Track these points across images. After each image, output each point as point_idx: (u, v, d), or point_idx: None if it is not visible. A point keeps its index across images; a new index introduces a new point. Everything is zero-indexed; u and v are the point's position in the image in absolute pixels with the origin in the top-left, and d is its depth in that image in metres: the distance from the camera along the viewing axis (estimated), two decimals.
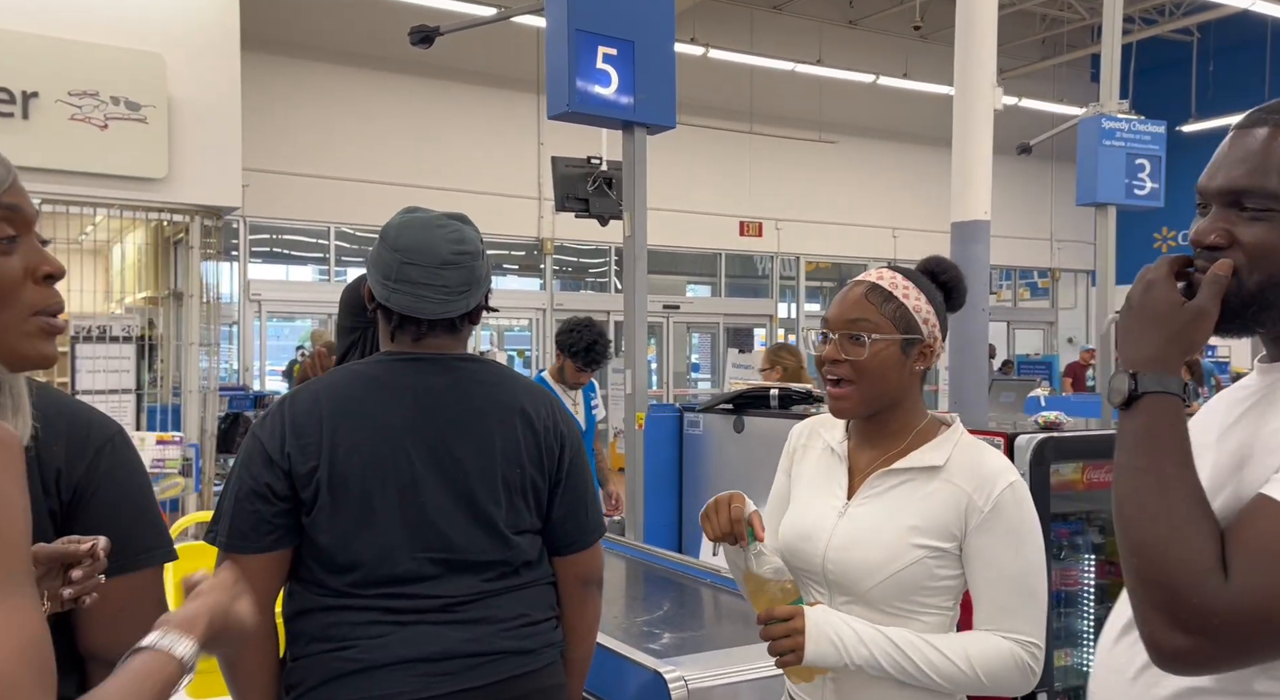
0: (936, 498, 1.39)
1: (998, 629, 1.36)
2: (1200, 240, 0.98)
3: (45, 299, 0.83)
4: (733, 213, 13.44)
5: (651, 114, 3.45)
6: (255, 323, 10.93)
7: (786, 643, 1.34)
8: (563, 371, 3.95)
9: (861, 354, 1.40)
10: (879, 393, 1.41)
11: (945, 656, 1.33)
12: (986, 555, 1.36)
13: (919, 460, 1.42)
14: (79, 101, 6.81)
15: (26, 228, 0.84)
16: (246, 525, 1.42)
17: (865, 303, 1.42)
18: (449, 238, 1.50)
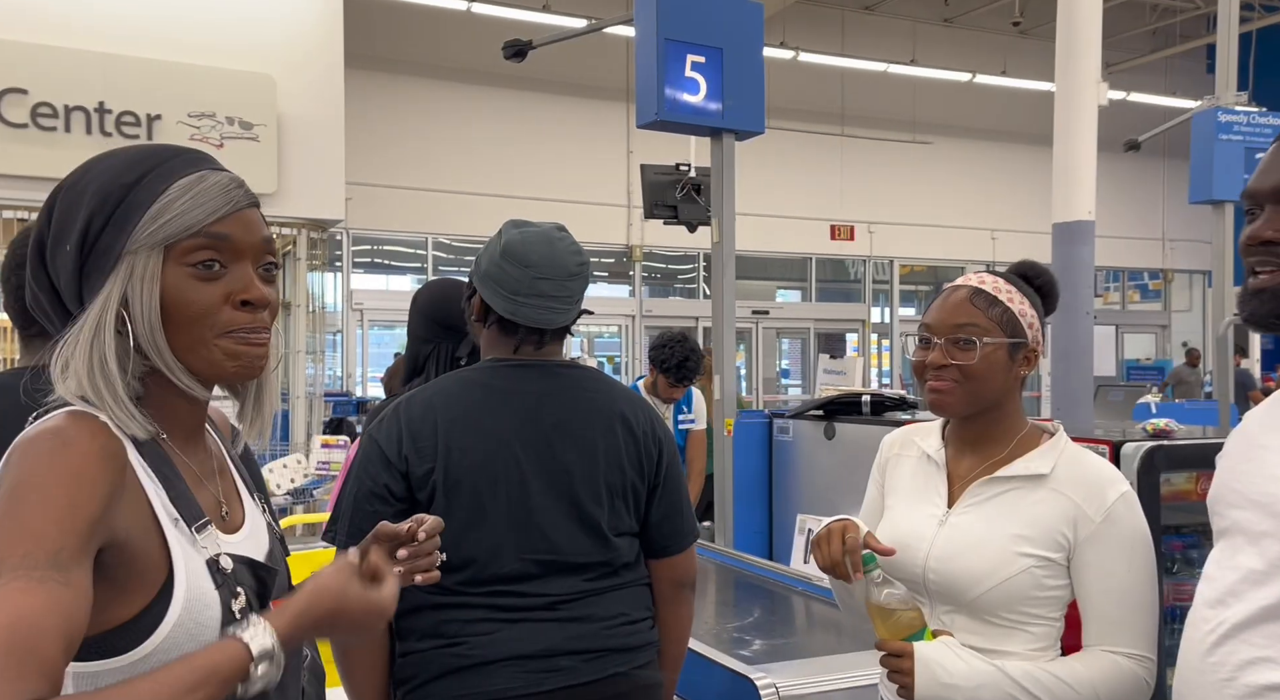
0: (1043, 507, 1.36)
1: (1110, 644, 1.32)
2: (1259, 236, 0.99)
3: (236, 321, 0.90)
4: (824, 216, 13.27)
5: (740, 120, 3.45)
6: (358, 331, 11.34)
7: (897, 679, 1.33)
8: (655, 385, 3.96)
9: (970, 358, 1.37)
10: (982, 394, 1.39)
11: (1063, 682, 1.29)
12: (1098, 567, 1.32)
13: (1024, 468, 1.39)
14: (198, 122, 7.22)
15: (236, 256, 0.91)
16: (366, 526, 1.47)
17: (970, 307, 1.40)
18: (570, 249, 1.57)
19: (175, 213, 0.89)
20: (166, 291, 0.88)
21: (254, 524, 1.01)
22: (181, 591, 0.85)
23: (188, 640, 0.84)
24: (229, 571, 0.90)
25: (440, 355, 2.04)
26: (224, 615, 0.87)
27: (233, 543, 0.94)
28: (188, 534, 0.88)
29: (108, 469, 0.82)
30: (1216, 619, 1.05)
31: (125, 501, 0.83)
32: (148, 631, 0.83)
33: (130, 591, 0.84)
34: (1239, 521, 1.06)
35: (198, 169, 0.92)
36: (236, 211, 0.91)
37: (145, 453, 0.89)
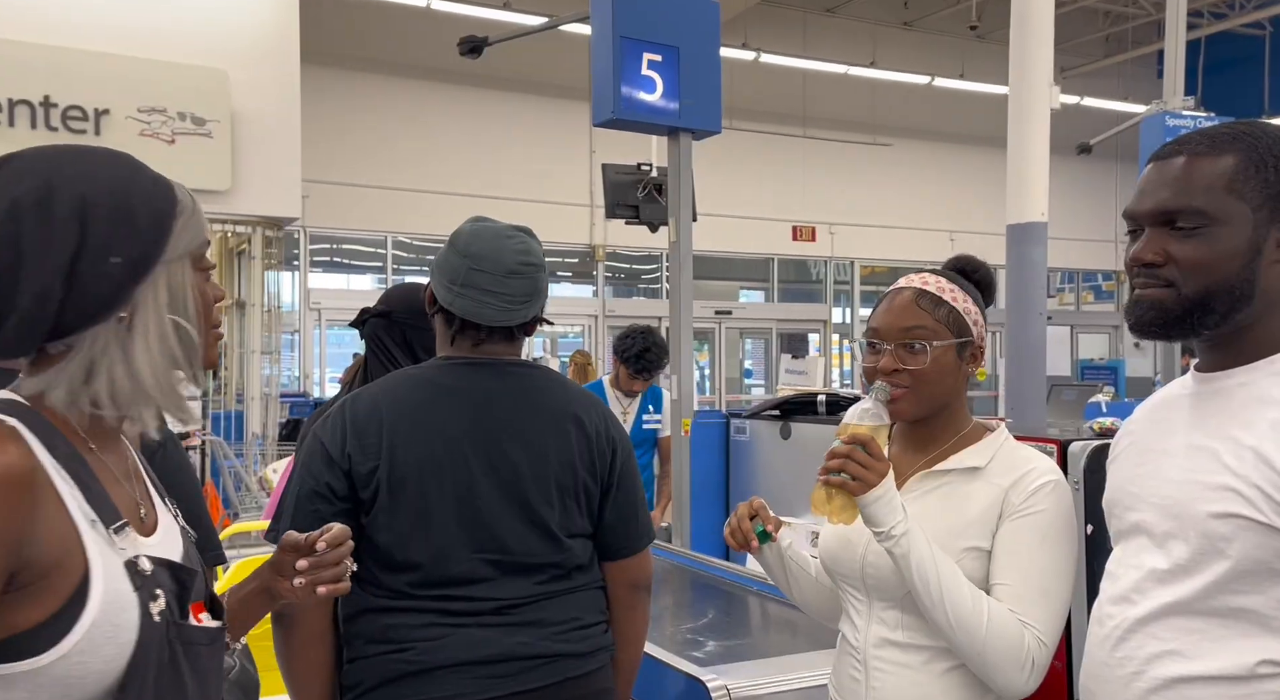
0: (976, 498, 1.36)
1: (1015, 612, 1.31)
2: (1140, 258, 1.09)
3: (217, 317, 1.00)
4: (786, 217, 13.35)
5: (697, 119, 3.44)
6: (315, 331, 11.18)
7: (858, 470, 1.28)
8: (618, 379, 3.96)
9: (922, 363, 1.37)
10: (934, 396, 1.39)
11: (965, 590, 1.27)
12: (1010, 544, 1.32)
13: (960, 462, 1.40)
14: (148, 117, 7.07)
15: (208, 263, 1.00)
16: (307, 524, 1.44)
17: (917, 309, 1.39)
18: (516, 248, 1.54)
19: (197, 221, 0.97)
20: (201, 294, 0.98)
21: (167, 526, 1.00)
22: (98, 593, 0.85)
23: (105, 641, 0.84)
24: (148, 573, 0.89)
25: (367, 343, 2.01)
26: (142, 617, 0.87)
27: (150, 544, 0.94)
28: (105, 535, 0.88)
29: (23, 493, 0.83)
30: (1121, 615, 1.10)
31: (37, 517, 0.84)
32: (63, 632, 0.83)
33: (44, 594, 0.83)
34: (1140, 523, 1.12)
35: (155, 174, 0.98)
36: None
37: (60, 456, 0.88)
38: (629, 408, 3.97)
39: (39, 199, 0.88)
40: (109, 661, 0.85)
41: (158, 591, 0.89)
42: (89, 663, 0.84)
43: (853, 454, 1.28)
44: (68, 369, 0.90)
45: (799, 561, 1.56)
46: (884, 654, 1.38)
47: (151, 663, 0.87)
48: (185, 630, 0.92)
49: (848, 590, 1.46)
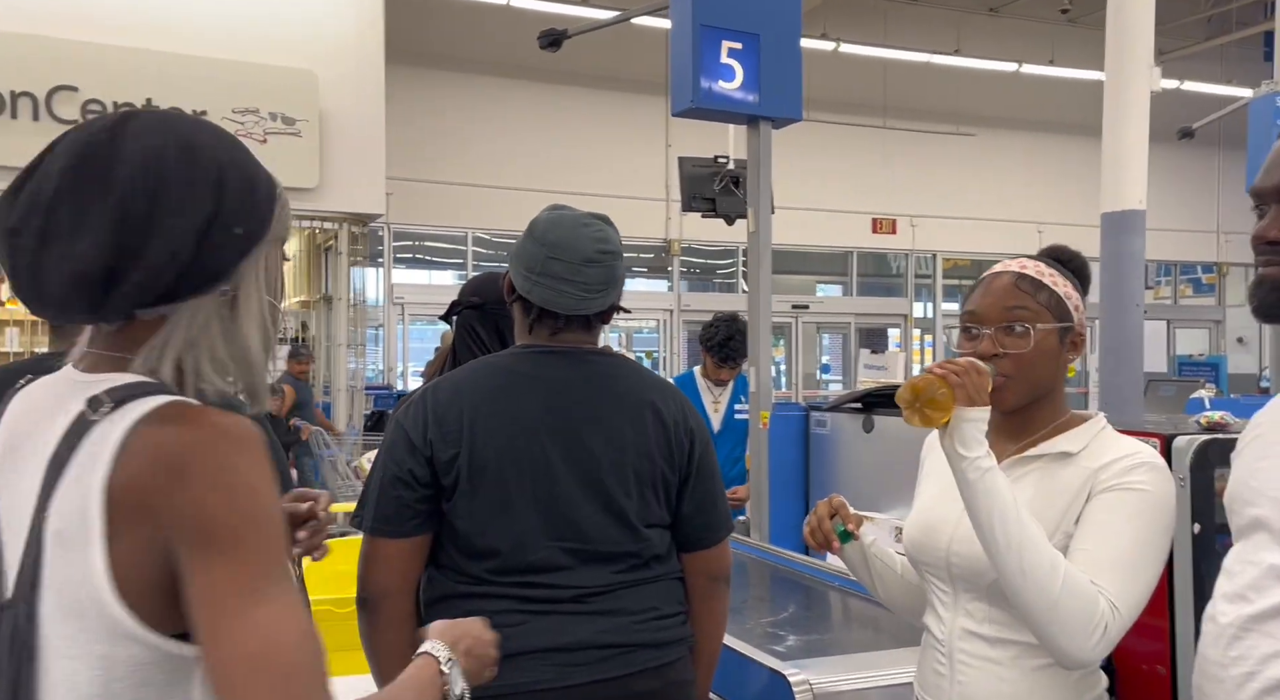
0: (1067, 484, 1.30)
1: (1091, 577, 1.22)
2: (1265, 235, 1.04)
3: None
4: (865, 209, 13.11)
5: (777, 107, 3.40)
6: (399, 325, 11.44)
7: (974, 381, 1.23)
8: (706, 368, 3.92)
9: (1024, 345, 1.32)
10: (1035, 384, 1.34)
11: (1043, 544, 1.20)
12: (1095, 515, 1.25)
13: (1052, 447, 1.34)
14: (242, 118, 7.34)
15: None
16: (390, 510, 1.47)
17: (1017, 291, 1.34)
18: (594, 236, 1.53)
19: (288, 208, 0.96)
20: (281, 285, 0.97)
21: None
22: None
23: None
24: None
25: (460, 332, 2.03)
26: None
27: None
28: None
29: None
30: (1235, 613, 1.05)
31: None
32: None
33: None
34: (1259, 519, 1.06)
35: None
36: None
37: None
38: (720, 397, 3.89)
39: (183, 155, 0.84)
40: None
41: None
42: None
43: (975, 367, 1.25)
44: (171, 341, 0.86)
45: (883, 558, 1.52)
46: (970, 647, 1.34)
47: None
48: None
49: (932, 581, 1.42)
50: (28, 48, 6.69)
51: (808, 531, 1.46)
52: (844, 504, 1.45)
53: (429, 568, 1.53)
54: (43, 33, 6.74)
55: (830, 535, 1.42)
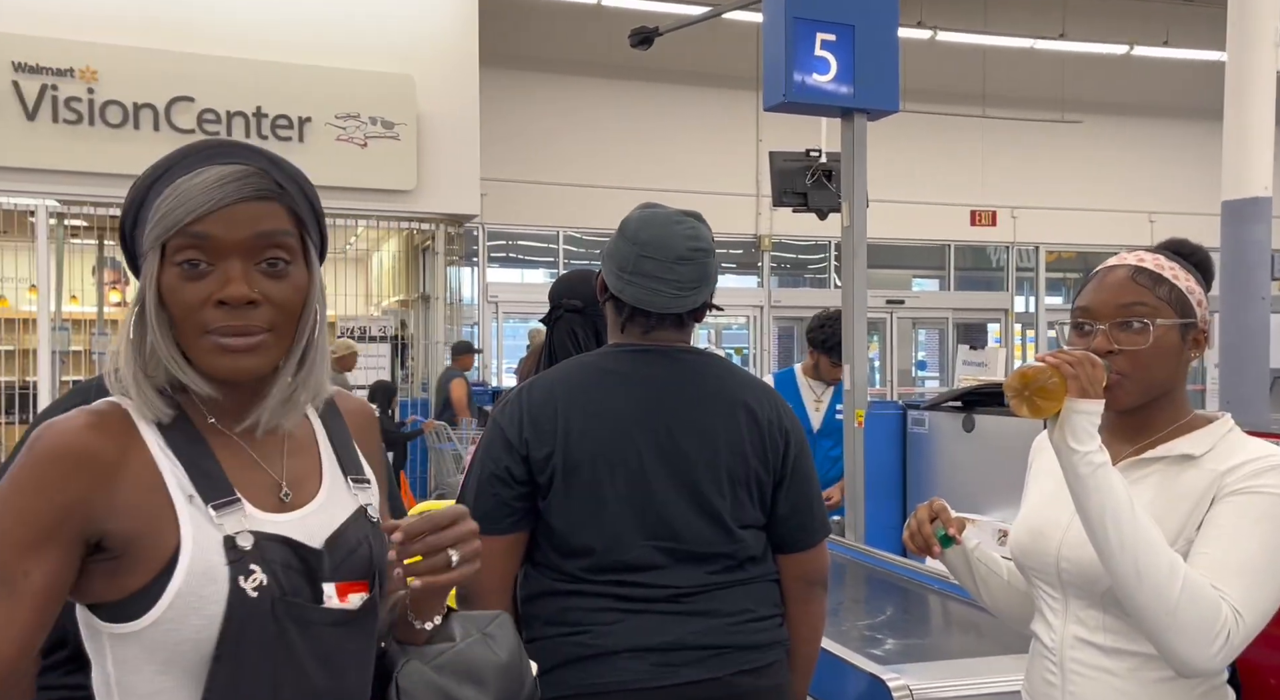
0: (1189, 488, 1.23)
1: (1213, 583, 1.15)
2: None
3: (215, 320, 0.90)
4: (963, 202, 12.71)
5: (873, 99, 3.33)
6: (493, 323, 11.68)
7: (1089, 373, 1.17)
8: (817, 368, 3.81)
9: (1141, 342, 1.25)
10: (1154, 383, 1.27)
11: (1160, 546, 1.13)
12: (1219, 519, 1.18)
13: (1172, 449, 1.27)
14: (343, 123, 7.60)
15: (220, 254, 0.90)
16: (488, 507, 1.50)
17: (1134, 285, 1.27)
18: (685, 234, 1.53)
19: (163, 213, 0.91)
20: (163, 291, 0.91)
21: (327, 505, 0.99)
22: (184, 565, 0.88)
23: (190, 612, 0.88)
24: (247, 548, 0.90)
25: (561, 335, 2.05)
26: (231, 591, 0.89)
27: (275, 521, 0.94)
28: (202, 510, 0.91)
29: (74, 472, 0.88)
30: None
31: (120, 490, 0.89)
32: (153, 600, 0.88)
33: (138, 563, 0.89)
34: None
35: (207, 165, 0.92)
36: (221, 208, 0.90)
37: (170, 436, 0.93)
38: (823, 396, 3.79)
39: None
40: (199, 631, 0.88)
41: (253, 567, 0.90)
42: (179, 631, 0.88)
43: (1090, 358, 1.19)
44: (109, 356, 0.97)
45: (987, 563, 1.47)
46: (1082, 656, 1.28)
47: (251, 637, 0.89)
48: (298, 608, 0.91)
49: (1041, 587, 1.36)
50: (148, 62, 7.08)
51: (907, 535, 1.43)
52: (944, 507, 1.41)
53: (526, 565, 1.55)
54: (161, 47, 7.12)
55: (930, 540, 1.39)
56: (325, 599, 0.94)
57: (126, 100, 7.02)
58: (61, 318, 7.85)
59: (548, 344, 2.10)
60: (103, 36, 6.97)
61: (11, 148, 6.78)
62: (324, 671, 0.93)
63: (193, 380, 0.93)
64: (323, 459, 1.03)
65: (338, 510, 0.99)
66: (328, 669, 0.93)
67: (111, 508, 0.88)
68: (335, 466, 1.03)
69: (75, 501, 0.87)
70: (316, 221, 1.00)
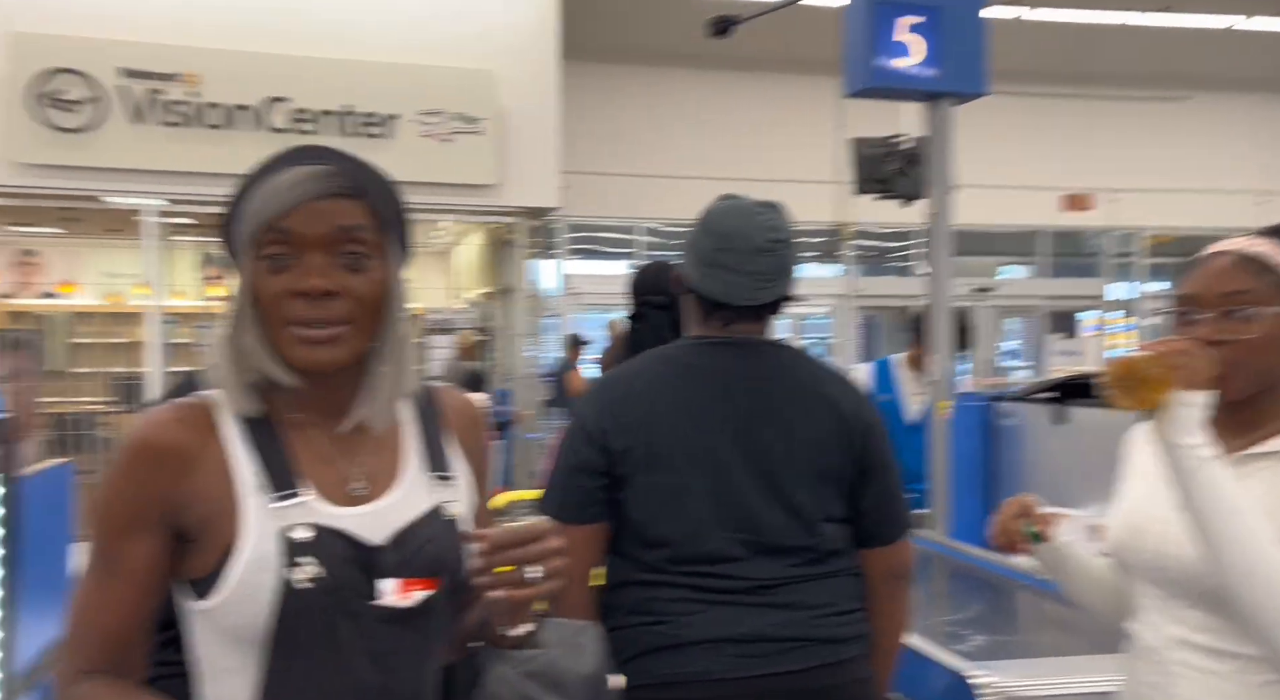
0: None
1: None
2: None
3: (295, 312, 0.94)
4: (1056, 185, 12.24)
5: (959, 82, 3.24)
6: (573, 315, 11.80)
7: (1198, 365, 1.14)
8: (919, 360, 3.76)
9: (1249, 331, 1.20)
10: (1261, 374, 1.21)
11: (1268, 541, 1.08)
12: None
13: None
14: (428, 119, 7.76)
15: (301, 248, 0.94)
16: (572, 498, 1.53)
17: (1242, 273, 1.22)
18: (765, 225, 1.53)
19: (251, 212, 0.96)
20: (254, 287, 0.96)
21: (400, 502, 1.00)
22: (244, 554, 0.93)
23: (245, 599, 0.93)
24: (301, 542, 0.93)
25: (645, 332, 2.06)
26: (282, 583, 0.92)
27: (339, 515, 0.96)
28: (266, 501, 0.94)
29: (155, 463, 0.95)
30: None
31: (195, 479, 0.95)
32: (217, 584, 0.94)
33: (206, 548, 0.95)
34: None
35: (292, 166, 0.97)
36: (303, 204, 0.94)
37: (251, 429, 0.98)
38: (924, 388, 3.74)
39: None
40: (253, 618, 0.92)
41: (307, 559, 0.92)
42: (236, 616, 0.93)
43: (1197, 349, 1.15)
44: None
45: (1080, 560, 1.43)
46: (1185, 657, 1.23)
47: (301, 627, 0.92)
48: (349, 602, 0.93)
49: (1140, 585, 1.32)
50: (246, 64, 7.35)
51: (994, 532, 1.40)
52: (1033, 503, 1.38)
53: (610, 554, 1.57)
54: (258, 49, 7.39)
55: (1017, 537, 1.36)
56: (382, 594, 0.95)
57: (226, 102, 7.31)
58: (168, 312, 8.24)
59: (631, 339, 2.11)
60: (204, 41, 7.27)
61: (121, 150, 7.14)
62: (373, 667, 0.94)
63: (277, 372, 0.96)
64: (407, 455, 1.04)
65: (411, 507, 1.00)
66: (377, 665, 0.94)
67: (189, 496, 0.94)
68: (419, 462, 1.04)
69: (159, 491, 0.94)
70: (400, 222, 1.02)
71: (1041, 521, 1.37)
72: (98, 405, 8.24)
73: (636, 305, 2.10)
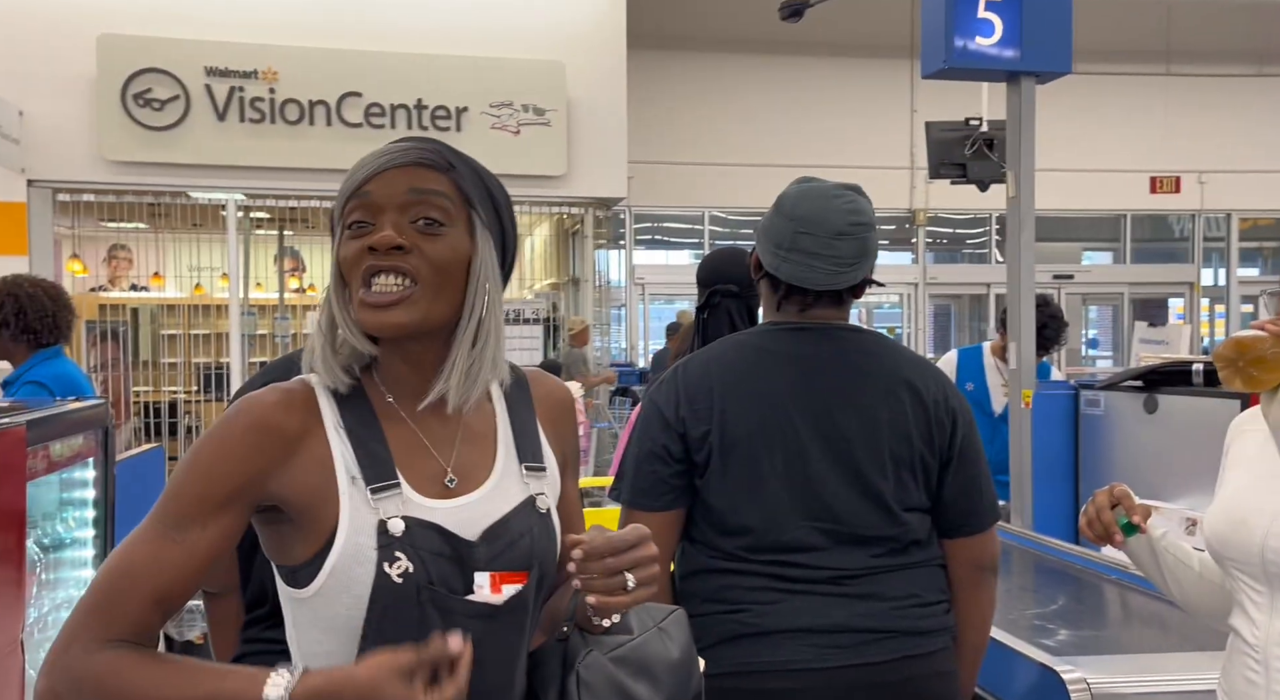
0: None
1: None
2: None
3: (366, 268, 0.94)
4: (1141, 167, 11.77)
5: (1042, 60, 3.13)
6: (640, 305, 11.82)
7: None
8: (1007, 350, 3.69)
9: None
10: None
11: None
12: None
13: None
14: (498, 112, 7.84)
15: (378, 212, 0.95)
16: (646, 484, 1.52)
17: None
18: (845, 208, 1.50)
19: (343, 186, 0.98)
20: (338, 256, 0.97)
21: (493, 494, 1.00)
22: (340, 544, 0.92)
23: (341, 590, 0.92)
24: (396, 534, 0.92)
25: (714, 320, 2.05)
26: (377, 576, 0.91)
27: (432, 508, 0.96)
28: (363, 492, 0.93)
29: (260, 442, 0.93)
30: None
31: (295, 464, 0.94)
32: (314, 574, 0.93)
33: (305, 537, 0.94)
34: None
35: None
36: (382, 171, 0.96)
37: (348, 415, 0.97)
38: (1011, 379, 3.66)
39: None
40: (349, 608, 0.92)
41: (399, 553, 0.91)
42: (333, 605, 0.92)
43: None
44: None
45: (1177, 554, 1.38)
46: None
47: (393, 620, 0.91)
48: (441, 598, 0.92)
49: (1241, 579, 1.26)
50: (321, 60, 7.54)
51: (1084, 523, 1.35)
52: (1127, 493, 1.33)
53: (683, 541, 1.56)
54: (333, 45, 7.56)
55: (1111, 527, 1.31)
56: (476, 588, 0.95)
57: (303, 98, 7.50)
58: (249, 304, 8.51)
59: (701, 328, 2.10)
60: (282, 39, 7.47)
61: (206, 147, 7.39)
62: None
63: (362, 342, 0.96)
64: (499, 444, 1.03)
65: (504, 499, 1.00)
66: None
67: (287, 480, 0.93)
68: (511, 453, 1.03)
69: (257, 471, 0.92)
70: (490, 204, 1.01)
71: (1137, 513, 1.32)
72: (183, 394, 8.57)
73: (704, 293, 2.08)
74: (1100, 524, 1.33)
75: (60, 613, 1.95)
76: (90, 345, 7.04)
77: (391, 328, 0.94)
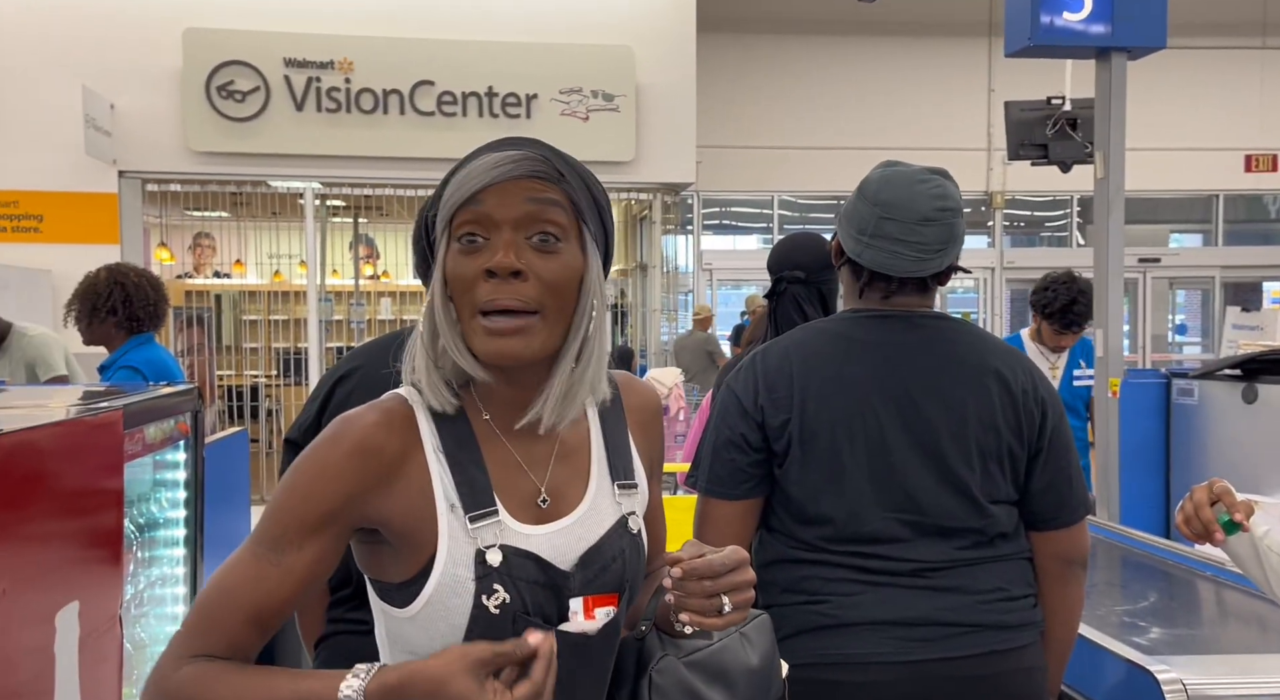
0: None
1: None
2: None
3: (485, 294, 0.90)
4: (1235, 146, 11.23)
5: (1134, 36, 2.99)
6: (708, 290, 11.76)
7: None
8: (1040, 334, 3.60)
9: None
10: None
11: None
12: None
13: None
14: (567, 98, 7.86)
15: (493, 227, 0.91)
16: (724, 472, 1.51)
17: None
18: (931, 193, 1.46)
19: (450, 192, 0.93)
20: (447, 270, 0.93)
21: (587, 517, 0.99)
22: (438, 573, 0.91)
23: (439, 618, 0.92)
24: (494, 565, 0.91)
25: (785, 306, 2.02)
26: (475, 607, 0.90)
27: (529, 535, 0.94)
28: (461, 521, 0.92)
29: (360, 465, 0.91)
30: None
31: (395, 488, 0.92)
32: (411, 598, 0.93)
33: (403, 560, 0.93)
34: None
35: (492, 152, 0.95)
36: (496, 183, 0.91)
37: (446, 436, 0.95)
38: (1056, 363, 3.55)
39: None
40: (445, 637, 0.91)
41: (497, 585, 0.91)
42: (430, 630, 0.92)
43: None
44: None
45: None
46: None
47: None
48: (537, 628, 0.89)
49: None
50: (394, 50, 7.65)
51: (1182, 519, 1.30)
52: (1228, 489, 1.28)
53: (761, 530, 1.54)
54: (406, 35, 7.67)
55: (1211, 525, 1.26)
56: (570, 615, 0.94)
57: (377, 87, 7.64)
58: (325, 290, 8.72)
59: (772, 316, 2.07)
60: (357, 29, 7.61)
61: (284, 137, 7.58)
62: (562, 692, 0.92)
63: (470, 365, 0.93)
64: (592, 463, 1.02)
65: (598, 522, 0.98)
66: (559, 685, 0.91)
67: (386, 504, 0.92)
68: (605, 471, 1.02)
69: (356, 493, 0.91)
70: (599, 215, 0.99)
71: (1238, 510, 1.26)
72: (264, 378, 8.85)
73: (775, 279, 2.06)
74: (1199, 521, 1.28)
75: (154, 590, 2.02)
76: (178, 331, 7.31)
77: (510, 358, 0.92)
